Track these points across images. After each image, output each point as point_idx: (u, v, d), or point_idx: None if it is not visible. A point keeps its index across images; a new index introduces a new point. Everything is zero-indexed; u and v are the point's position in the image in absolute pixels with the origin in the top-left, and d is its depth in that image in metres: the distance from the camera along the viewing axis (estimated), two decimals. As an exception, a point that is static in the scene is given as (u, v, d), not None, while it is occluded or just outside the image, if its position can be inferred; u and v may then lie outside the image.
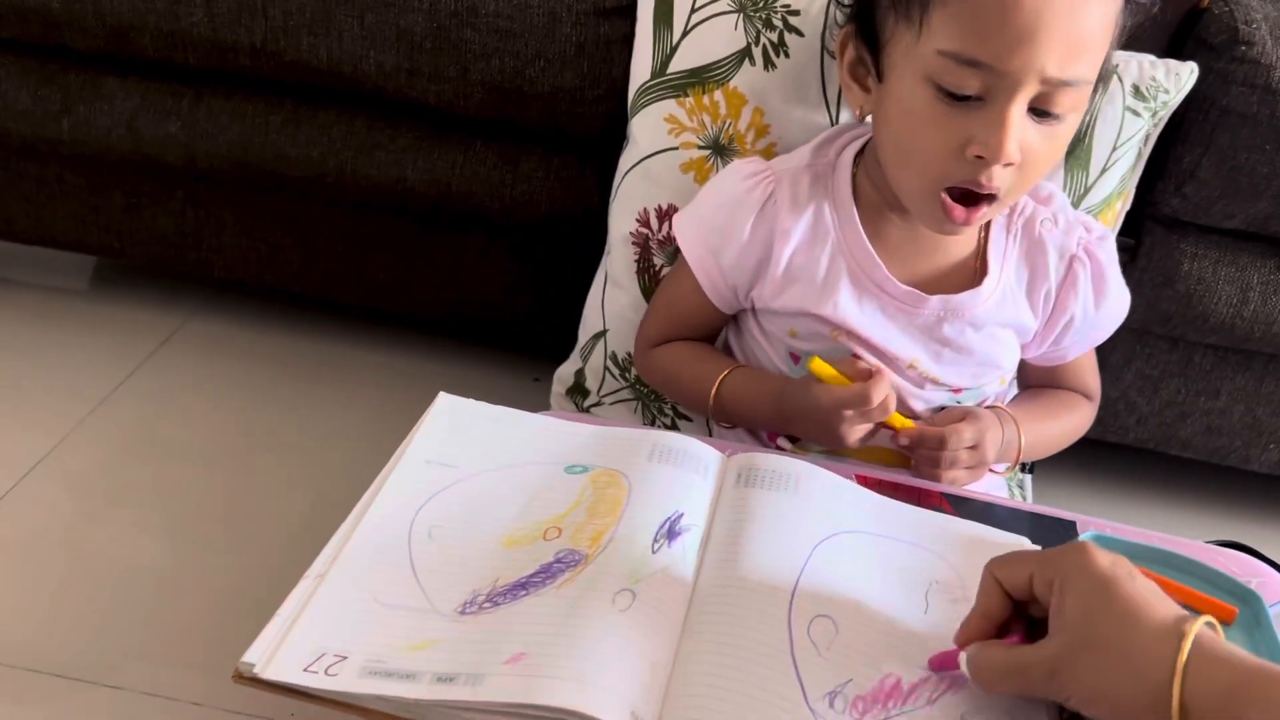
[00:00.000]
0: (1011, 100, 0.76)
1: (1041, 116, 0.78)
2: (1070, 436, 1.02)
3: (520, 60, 1.12)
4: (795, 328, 0.93)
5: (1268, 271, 1.15)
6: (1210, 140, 1.07)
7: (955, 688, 0.65)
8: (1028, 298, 0.92)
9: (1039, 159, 0.80)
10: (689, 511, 0.74)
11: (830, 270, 0.91)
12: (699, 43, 1.03)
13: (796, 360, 0.94)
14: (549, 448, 0.81)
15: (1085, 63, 0.77)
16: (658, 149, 1.06)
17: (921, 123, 0.80)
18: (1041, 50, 0.74)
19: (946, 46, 0.76)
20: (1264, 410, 1.27)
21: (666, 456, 0.79)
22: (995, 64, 0.74)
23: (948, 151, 0.79)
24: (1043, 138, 0.79)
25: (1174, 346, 1.24)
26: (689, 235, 0.96)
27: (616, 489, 0.76)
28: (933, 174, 0.81)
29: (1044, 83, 0.75)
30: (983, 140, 0.77)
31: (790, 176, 0.93)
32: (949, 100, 0.77)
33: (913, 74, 0.79)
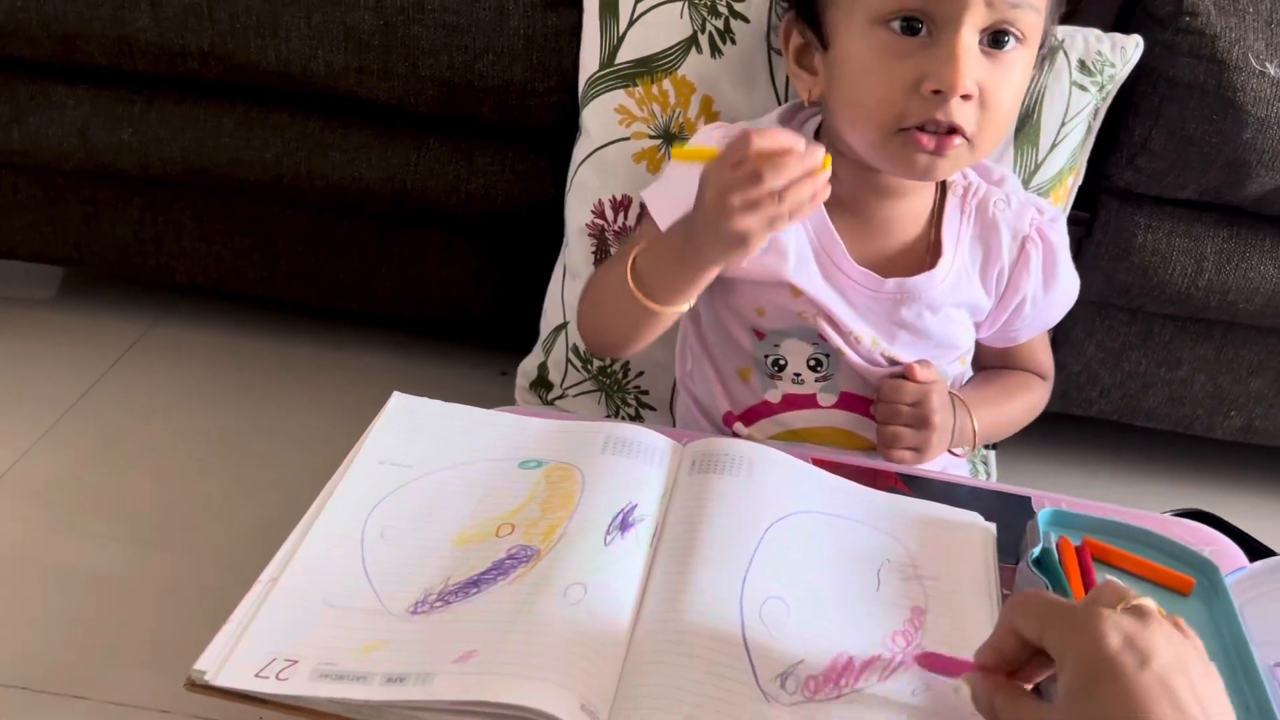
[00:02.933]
0: (959, 29, 0.76)
1: (994, 45, 0.78)
2: (1026, 417, 1.02)
3: (469, 55, 1.11)
4: (762, 305, 0.92)
5: (1221, 241, 1.16)
6: (1160, 112, 1.08)
7: (906, 665, 0.65)
8: (981, 278, 0.93)
9: (995, 99, 0.79)
10: (642, 502, 0.74)
11: (798, 244, 0.90)
12: (645, 32, 1.03)
13: (762, 337, 0.94)
14: (503, 444, 0.81)
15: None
16: (610, 140, 1.06)
17: (874, 69, 0.79)
18: None
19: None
20: (1225, 378, 1.28)
21: (620, 448, 0.79)
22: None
23: (903, 91, 0.78)
24: (996, 75, 0.79)
25: (1134, 318, 1.25)
26: (658, 202, 0.92)
27: (570, 483, 0.76)
28: (891, 116, 0.80)
29: (989, 6, 0.76)
30: (935, 73, 0.77)
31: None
32: (899, 38, 0.77)
33: (859, 24, 0.79)
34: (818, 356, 0.93)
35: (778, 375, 0.95)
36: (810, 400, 0.95)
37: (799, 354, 0.94)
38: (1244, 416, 1.30)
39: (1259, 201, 1.12)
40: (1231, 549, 0.82)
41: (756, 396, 0.96)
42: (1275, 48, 1.04)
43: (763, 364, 0.95)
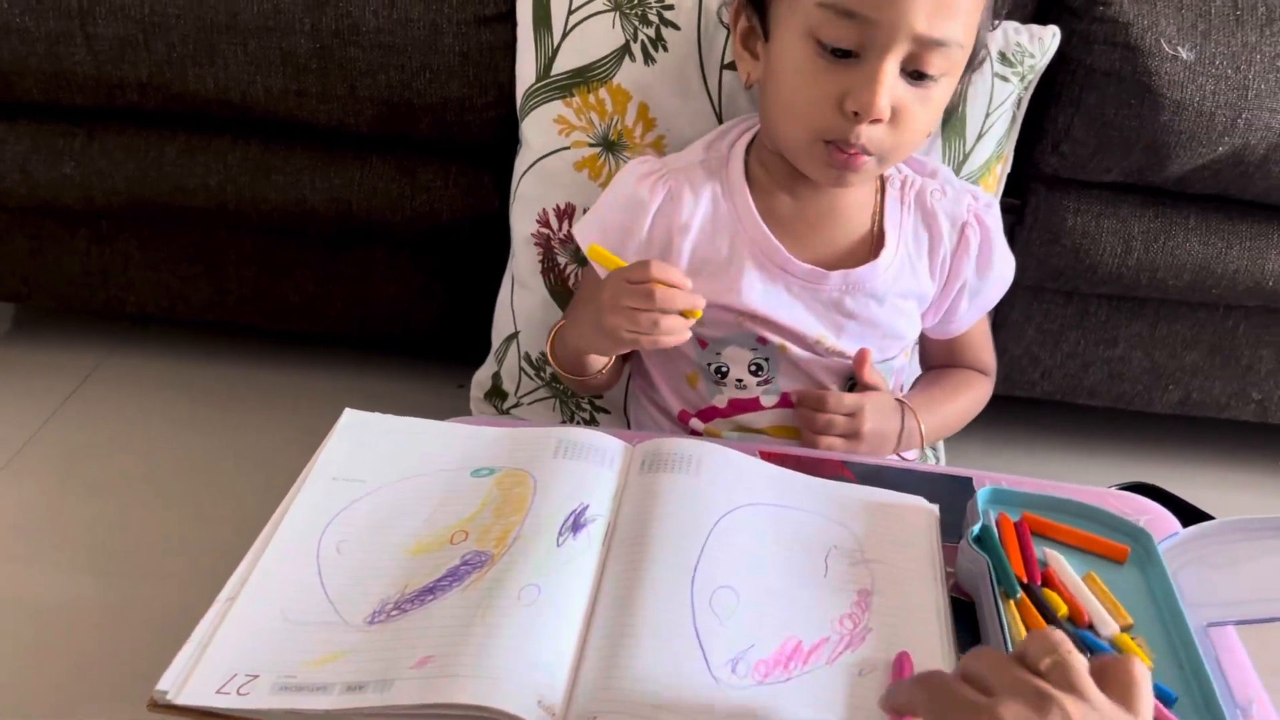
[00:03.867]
0: (884, 57, 0.79)
1: (915, 79, 0.82)
2: (970, 413, 1.05)
3: (406, 74, 1.13)
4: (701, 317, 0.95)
5: (1147, 221, 1.20)
6: (1080, 99, 1.11)
7: (853, 646, 0.67)
8: (927, 265, 0.96)
9: (912, 120, 0.83)
10: (594, 503, 0.76)
11: (733, 257, 0.93)
12: (579, 43, 1.04)
13: (705, 346, 0.97)
14: (455, 454, 0.82)
15: (955, 23, 0.80)
16: (550, 150, 1.08)
17: (802, 77, 0.83)
18: (912, 5, 0.77)
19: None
20: (1160, 354, 1.32)
21: (572, 451, 0.81)
22: (869, 14, 0.78)
23: (825, 105, 0.82)
24: (916, 99, 0.82)
25: (1069, 300, 1.28)
26: (588, 237, 0.97)
27: (522, 488, 0.77)
28: (812, 127, 0.84)
29: (915, 40, 0.79)
30: (856, 95, 0.80)
31: (686, 173, 0.95)
32: (828, 56, 0.81)
33: (795, 29, 0.82)
34: (758, 361, 0.96)
35: (722, 382, 0.98)
36: (754, 404, 0.98)
37: (740, 361, 0.96)
38: (1181, 389, 1.34)
39: (1180, 181, 1.16)
40: (1165, 517, 0.84)
41: (705, 401, 0.99)
42: (1186, 32, 1.08)
43: (707, 371, 0.98)
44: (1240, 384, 1.34)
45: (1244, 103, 1.09)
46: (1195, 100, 1.08)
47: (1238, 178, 1.14)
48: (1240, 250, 1.20)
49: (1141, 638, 0.69)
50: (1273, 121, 1.09)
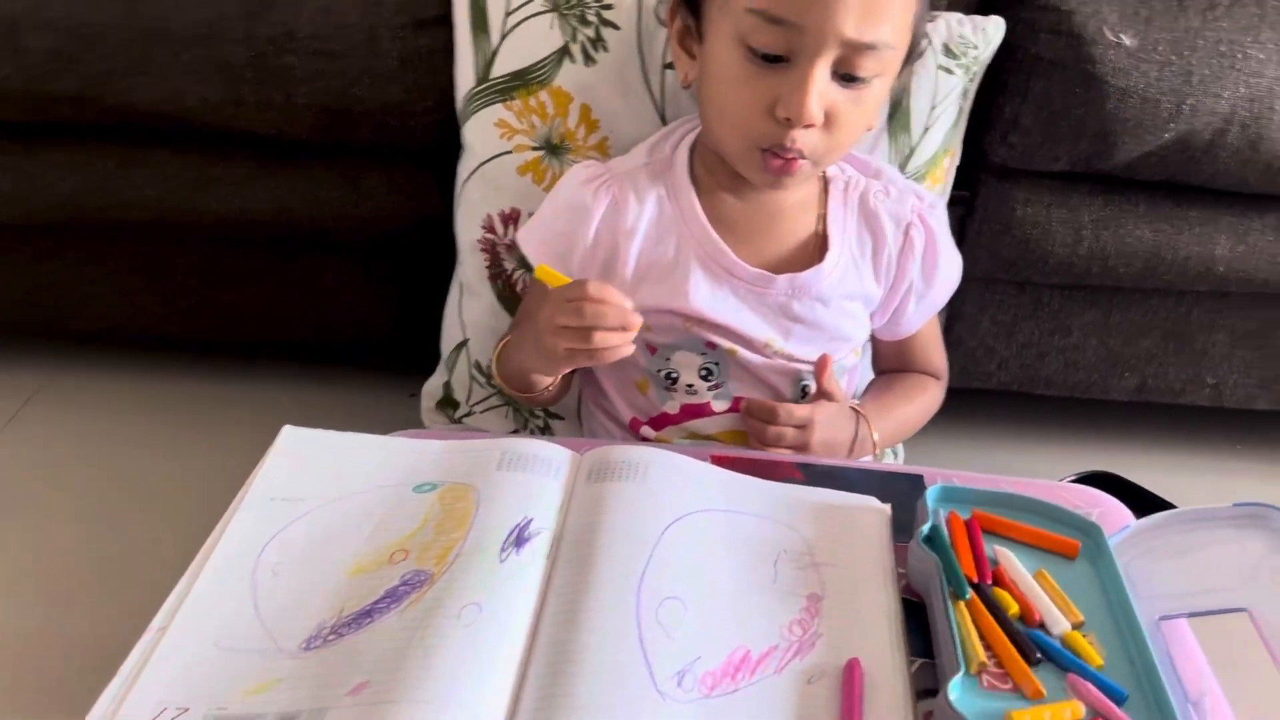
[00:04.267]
0: (813, 61, 0.79)
1: (846, 81, 0.81)
2: (923, 418, 1.05)
3: (344, 80, 1.11)
4: (649, 322, 0.94)
5: (1096, 209, 1.19)
6: (1027, 89, 1.10)
7: (802, 654, 0.66)
8: (872, 267, 0.95)
9: (846, 122, 0.83)
10: (538, 516, 0.74)
11: (680, 261, 0.92)
12: (517, 46, 1.03)
13: (654, 352, 0.95)
14: (397, 469, 0.80)
15: (885, 26, 0.79)
16: (492, 154, 1.06)
17: (735, 83, 0.82)
18: (841, 11, 0.77)
19: (753, 4, 0.78)
20: (1115, 341, 1.32)
21: (516, 463, 0.79)
22: (797, 21, 0.77)
23: (757, 111, 0.82)
24: (849, 101, 0.82)
25: (1022, 290, 1.28)
26: (532, 245, 0.96)
27: (465, 502, 0.76)
28: (746, 133, 0.84)
29: (844, 45, 0.78)
30: (786, 101, 0.80)
31: (630, 177, 0.94)
32: (758, 61, 0.80)
33: (727, 34, 0.82)
34: (708, 366, 0.95)
35: (672, 388, 0.97)
36: (705, 409, 0.97)
37: (690, 366, 0.95)
38: (1137, 376, 1.34)
39: (1129, 168, 1.15)
40: (1119, 510, 0.84)
41: (656, 408, 0.98)
42: (1129, 19, 1.07)
43: (657, 378, 0.97)
44: (1195, 369, 1.34)
45: (1188, 88, 1.08)
46: (1140, 87, 1.08)
47: (1185, 163, 1.14)
48: (1190, 236, 1.20)
49: (1093, 634, 0.68)
50: (1217, 106, 1.09)
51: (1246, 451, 1.49)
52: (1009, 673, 0.65)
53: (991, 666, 0.66)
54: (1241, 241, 1.20)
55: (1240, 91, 1.09)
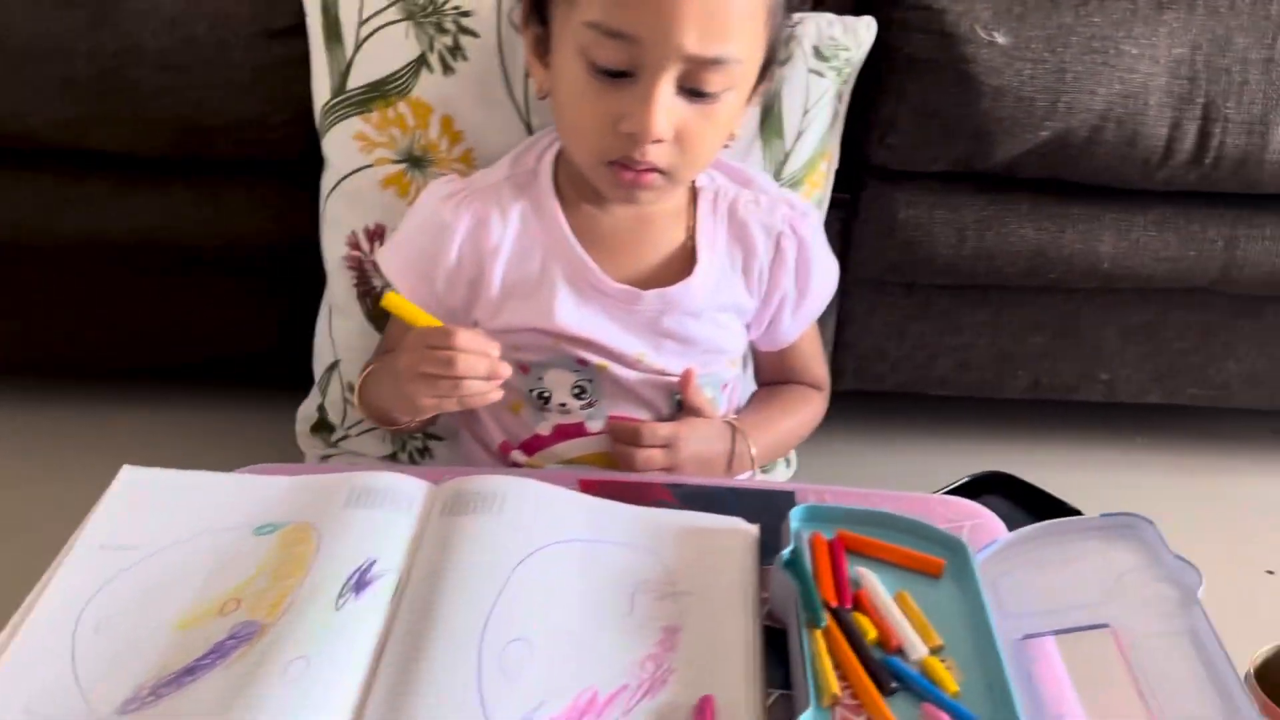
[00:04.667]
0: (656, 77, 0.76)
1: (694, 96, 0.78)
2: (805, 429, 1.03)
3: (196, 94, 1.06)
4: (518, 341, 0.91)
5: (979, 209, 1.19)
6: (903, 90, 1.09)
7: (653, 692, 0.64)
8: (743, 279, 0.93)
9: (697, 138, 0.80)
10: (383, 556, 0.70)
11: (545, 278, 0.89)
12: (373, 56, 0.99)
13: (526, 371, 0.92)
14: (241, 510, 0.76)
15: (732, 42, 0.77)
16: (353, 168, 1.02)
17: (580, 98, 0.80)
18: (680, 25, 0.74)
19: (591, 17, 0.76)
20: (1006, 340, 1.31)
21: (364, 499, 0.75)
22: (635, 34, 0.75)
23: (604, 126, 0.80)
24: (699, 116, 0.79)
25: (911, 291, 1.27)
26: (393, 265, 0.93)
27: (305, 545, 0.72)
28: (595, 147, 0.82)
29: (688, 60, 0.76)
30: (631, 117, 0.78)
31: (492, 192, 0.91)
32: (601, 76, 0.78)
33: (570, 47, 0.79)
34: (581, 384, 0.92)
35: (545, 408, 0.94)
36: (579, 429, 0.94)
37: (562, 384, 0.93)
38: (1030, 375, 1.34)
39: (1009, 167, 1.15)
40: (991, 523, 0.82)
41: (529, 429, 0.95)
42: (1001, 16, 1.06)
43: (530, 398, 0.94)
44: (1087, 365, 1.34)
45: (1062, 86, 1.08)
46: (1014, 85, 1.07)
47: (1065, 161, 1.14)
48: (1074, 233, 1.20)
49: (952, 659, 0.67)
50: (1092, 103, 1.09)
51: (1148, 444, 1.49)
52: (863, 704, 0.63)
53: (846, 698, 0.64)
54: (1125, 238, 1.20)
55: (1115, 88, 1.09)
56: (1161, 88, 1.10)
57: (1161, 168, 1.14)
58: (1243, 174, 1.15)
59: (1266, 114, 1.11)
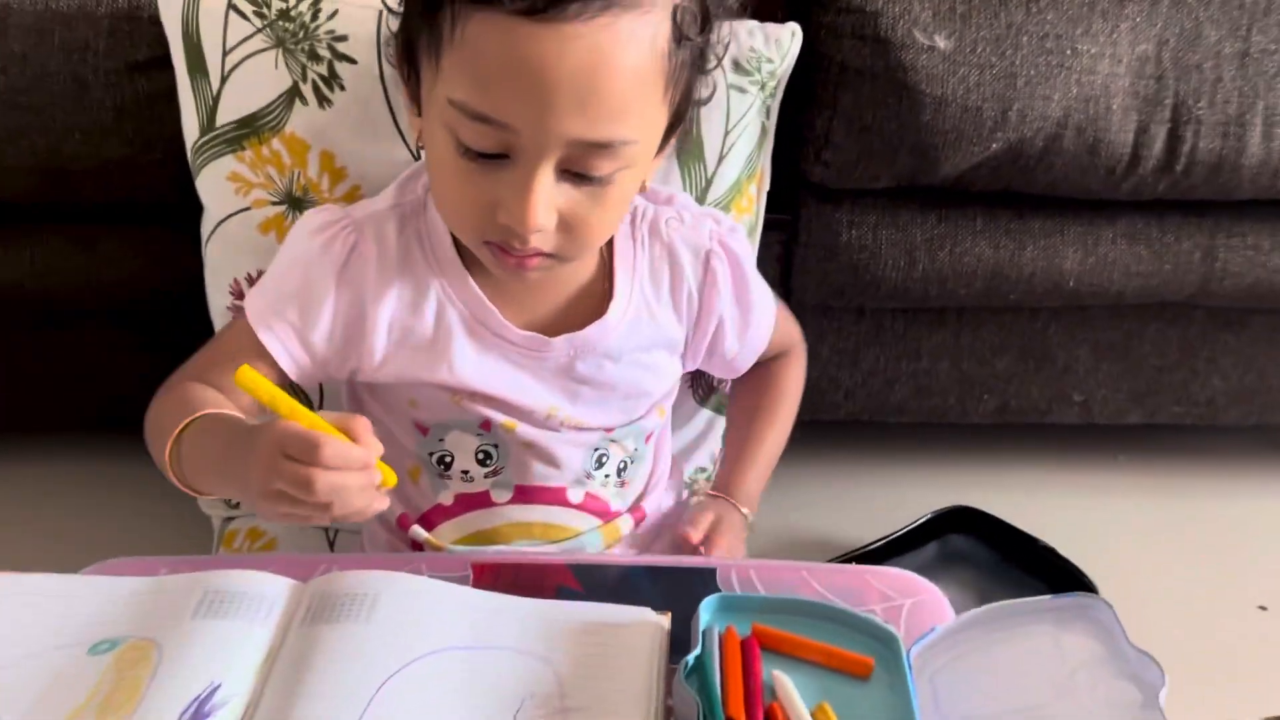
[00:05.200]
0: (535, 165, 0.66)
1: (581, 179, 0.68)
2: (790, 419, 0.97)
3: (53, 137, 0.98)
4: (414, 397, 0.81)
5: (929, 227, 1.10)
6: (836, 101, 1.01)
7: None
8: (671, 305, 0.83)
9: (586, 222, 0.70)
10: (230, 680, 0.62)
11: (440, 326, 0.79)
12: (241, 88, 0.89)
13: (426, 433, 0.83)
14: (79, 622, 0.67)
15: (622, 121, 0.66)
16: (229, 212, 0.93)
17: (449, 174, 0.70)
18: (558, 109, 0.64)
19: (454, 95, 0.66)
20: (969, 363, 1.23)
21: (217, 607, 0.66)
22: (506, 121, 0.64)
23: (477, 211, 0.70)
24: (587, 199, 0.69)
25: (861, 316, 1.19)
26: (256, 308, 0.79)
27: (143, 666, 0.63)
28: (471, 228, 0.72)
29: (571, 145, 0.65)
30: (507, 207, 0.67)
31: (373, 223, 0.80)
32: (471, 156, 0.67)
33: (437, 120, 0.69)
34: (485, 449, 0.83)
35: (446, 474, 0.84)
36: (484, 499, 0.85)
37: (465, 448, 0.83)
38: (997, 398, 1.27)
39: (960, 181, 1.06)
40: (935, 601, 0.73)
41: (430, 499, 0.85)
42: (943, 17, 0.97)
43: (429, 463, 0.84)
44: (1059, 386, 1.26)
45: (1013, 93, 0.99)
46: (959, 94, 0.98)
47: (1019, 173, 1.05)
48: (1035, 250, 1.11)
49: (876, 786, 0.58)
50: (1048, 110, 1.00)
51: (1129, 462, 1.42)
52: None
53: (753, 837, 0.55)
54: (1091, 253, 1.12)
55: (1072, 92, 1.01)
56: (1125, 89, 1.02)
57: (1128, 177, 1.06)
58: (1218, 180, 1.07)
59: (1242, 113, 1.02)
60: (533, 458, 0.84)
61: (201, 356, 0.83)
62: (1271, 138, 1.04)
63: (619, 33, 0.64)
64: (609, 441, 0.86)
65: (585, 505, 0.87)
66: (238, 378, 0.63)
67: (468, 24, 0.64)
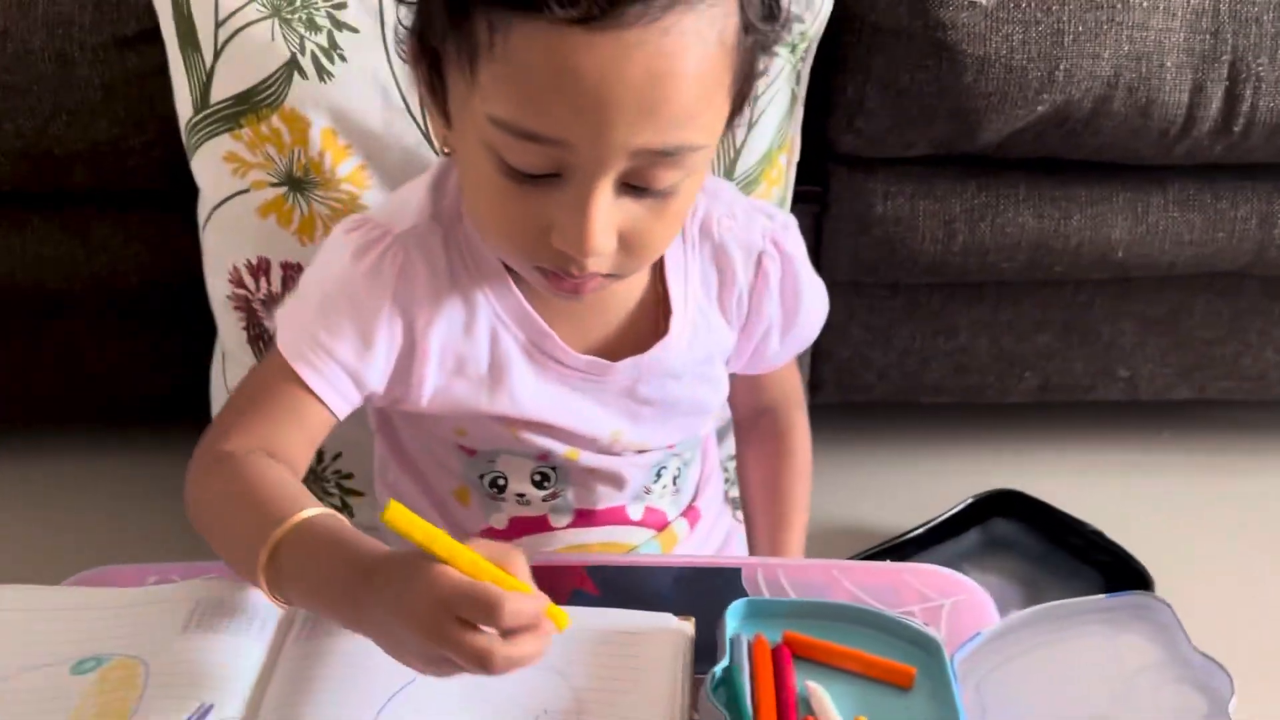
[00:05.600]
0: (593, 183, 0.59)
1: (641, 194, 0.62)
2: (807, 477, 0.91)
3: (38, 118, 0.95)
4: (462, 426, 0.76)
5: (969, 197, 1.06)
6: (868, 65, 0.96)
7: None
8: (720, 309, 0.78)
9: (649, 237, 0.64)
10: (223, 699, 0.59)
11: (496, 352, 0.73)
12: (236, 62, 0.86)
13: (473, 454, 0.77)
14: (65, 638, 0.64)
15: (689, 126, 0.59)
16: (227, 194, 0.90)
17: (492, 197, 0.63)
18: (619, 126, 0.57)
19: (496, 112, 0.59)
20: (1009, 339, 1.19)
21: (209, 620, 0.64)
22: (560, 138, 0.58)
23: (527, 235, 0.63)
24: (649, 215, 0.63)
25: (895, 291, 1.15)
26: (299, 347, 0.70)
27: (129, 687, 0.60)
28: (519, 252, 0.65)
29: (634, 156, 0.59)
30: (563, 230, 0.61)
31: (418, 238, 0.72)
32: (517, 177, 0.61)
33: (474, 136, 0.62)
34: (543, 470, 0.78)
35: (499, 496, 0.79)
36: (542, 523, 0.80)
37: (520, 470, 0.78)
38: (1039, 375, 1.23)
39: (1001, 148, 1.02)
40: (977, 598, 0.69)
41: (480, 522, 0.80)
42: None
43: (480, 485, 0.79)
44: (1103, 362, 1.22)
45: (1060, 51, 0.95)
46: (1003, 54, 0.94)
47: (1065, 138, 1.01)
48: (1081, 219, 1.07)
49: (921, 808, 0.54)
50: (1097, 69, 0.96)
51: (1174, 438, 1.38)
52: None
53: None
54: (1141, 222, 1.08)
55: (1123, 49, 0.96)
56: (1179, 45, 0.98)
57: (1182, 139, 1.01)
58: (1278, 142, 1.02)
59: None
60: (595, 481, 0.79)
61: (246, 410, 0.72)
62: (1337, 95, 0.99)
63: (684, 34, 0.57)
64: (670, 456, 0.82)
65: (644, 520, 0.83)
66: (387, 518, 0.54)
67: (510, 34, 0.57)
